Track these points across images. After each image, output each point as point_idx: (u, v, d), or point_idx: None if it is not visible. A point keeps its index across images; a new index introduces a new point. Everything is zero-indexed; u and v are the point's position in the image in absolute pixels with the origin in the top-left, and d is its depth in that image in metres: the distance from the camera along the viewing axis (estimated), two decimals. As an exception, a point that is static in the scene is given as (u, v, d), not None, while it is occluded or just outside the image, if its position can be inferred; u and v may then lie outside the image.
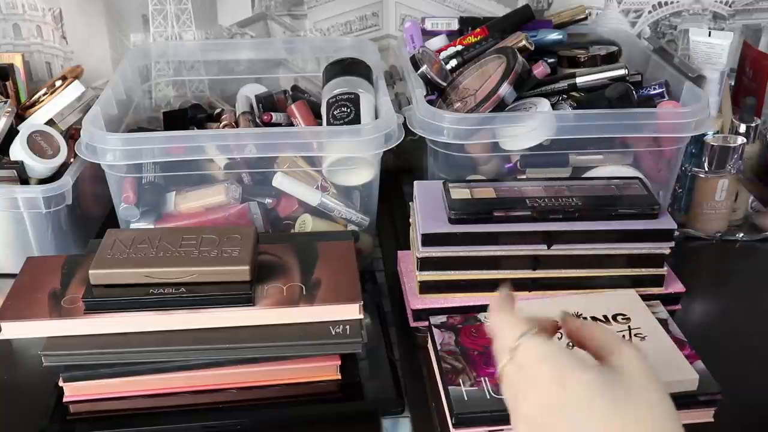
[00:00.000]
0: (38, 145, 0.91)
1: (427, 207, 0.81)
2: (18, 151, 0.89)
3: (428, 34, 1.09)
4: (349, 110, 0.90)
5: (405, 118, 0.88)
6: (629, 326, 0.71)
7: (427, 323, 0.77)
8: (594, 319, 0.72)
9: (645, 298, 0.78)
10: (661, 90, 0.95)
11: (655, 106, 0.93)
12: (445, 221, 0.79)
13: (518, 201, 0.80)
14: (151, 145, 0.82)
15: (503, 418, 0.64)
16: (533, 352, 0.50)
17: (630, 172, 0.90)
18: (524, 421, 0.50)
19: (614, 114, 0.87)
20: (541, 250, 0.79)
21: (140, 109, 1.09)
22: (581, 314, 0.73)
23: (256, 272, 0.71)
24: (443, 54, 1.01)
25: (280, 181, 0.86)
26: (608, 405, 0.47)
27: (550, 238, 0.79)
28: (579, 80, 0.96)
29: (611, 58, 1.03)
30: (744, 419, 0.71)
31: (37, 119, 0.97)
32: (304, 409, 0.72)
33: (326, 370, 0.73)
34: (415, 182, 0.86)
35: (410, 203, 0.87)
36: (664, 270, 0.82)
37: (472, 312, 0.77)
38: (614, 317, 0.73)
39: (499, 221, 0.79)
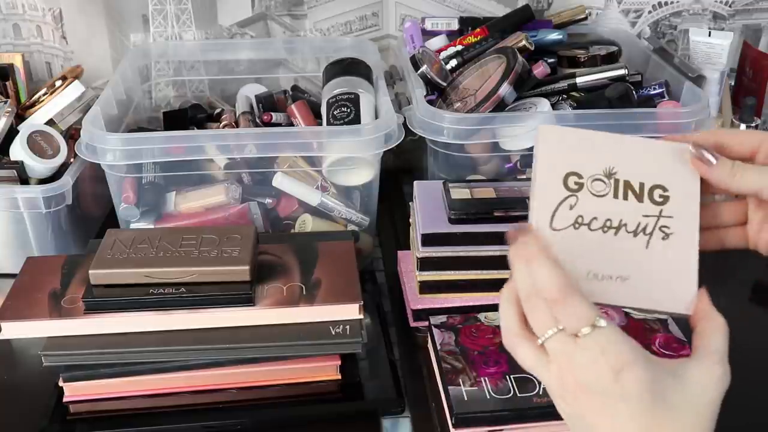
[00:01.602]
0: (38, 145, 0.91)
1: (427, 207, 0.81)
2: (18, 151, 0.89)
3: (428, 34, 1.09)
4: (349, 110, 0.90)
5: (405, 118, 0.88)
6: (660, 211, 0.56)
7: (427, 323, 0.77)
8: (627, 185, 0.56)
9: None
10: (661, 90, 0.95)
11: (655, 106, 0.93)
12: (445, 221, 0.79)
13: (518, 201, 0.80)
14: (151, 145, 0.82)
15: (503, 418, 0.64)
16: (598, 344, 0.49)
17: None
18: (562, 391, 0.50)
19: (614, 114, 0.87)
20: (541, 250, 0.79)
21: (140, 109, 1.09)
22: (614, 170, 0.56)
23: (256, 272, 0.71)
24: (443, 54, 1.01)
25: (280, 181, 0.86)
26: (653, 412, 0.48)
27: (550, 238, 0.79)
28: (579, 80, 0.96)
29: (611, 58, 1.03)
30: (744, 419, 0.71)
31: (37, 119, 0.97)
32: (304, 409, 0.72)
33: (326, 370, 0.73)
34: (415, 182, 0.86)
35: (410, 203, 0.86)
36: (664, 270, 0.82)
37: (472, 312, 0.77)
38: (651, 190, 0.57)
39: (499, 221, 0.79)
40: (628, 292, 0.55)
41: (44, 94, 1.00)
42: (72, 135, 0.97)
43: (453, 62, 0.99)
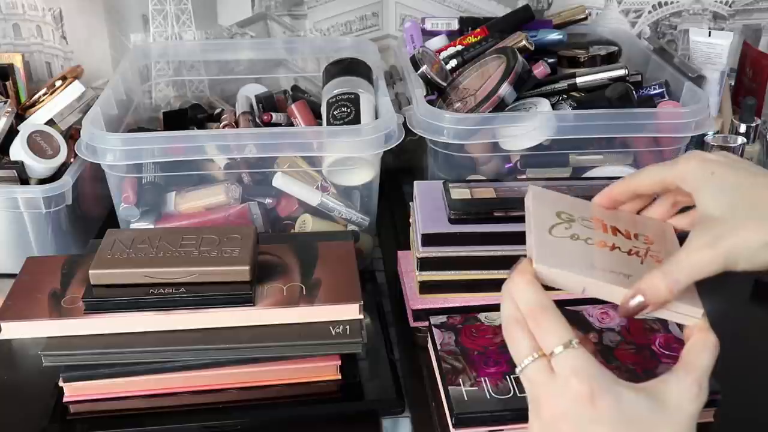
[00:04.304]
0: (38, 145, 0.91)
1: (427, 207, 0.81)
2: (18, 151, 0.89)
3: (428, 34, 1.09)
4: (349, 110, 0.90)
5: (405, 118, 0.89)
6: (648, 247, 0.60)
7: (427, 323, 0.77)
8: (615, 230, 0.61)
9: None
10: (661, 90, 0.95)
11: (655, 106, 0.93)
12: (445, 221, 0.79)
13: (518, 201, 0.79)
14: (151, 145, 0.82)
15: (503, 418, 0.64)
16: (569, 365, 0.49)
17: (630, 172, 0.90)
18: (542, 426, 0.50)
19: (614, 114, 0.87)
20: (541, 250, 0.79)
21: (140, 109, 1.09)
22: (600, 218, 0.62)
23: (256, 272, 0.71)
24: (443, 54, 1.01)
25: (280, 181, 0.86)
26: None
27: (550, 238, 0.79)
28: (579, 80, 0.96)
29: (611, 58, 1.03)
30: (744, 419, 0.71)
31: (37, 119, 0.97)
32: (304, 409, 0.72)
33: (326, 370, 0.73)
34: (415, 182, 0.86)
35: (410, 203, 0.86)
36: (664, 270, 0.82)
37: (472, 312, 0.77)
38: (636, 235, 0.62)
39: (499, 221, 0.79)
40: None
41: (44, 94, 1.00)
42: (72, 135, 0.97)
43: (453, 62, 0.99)
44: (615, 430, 0.48)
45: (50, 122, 0.96)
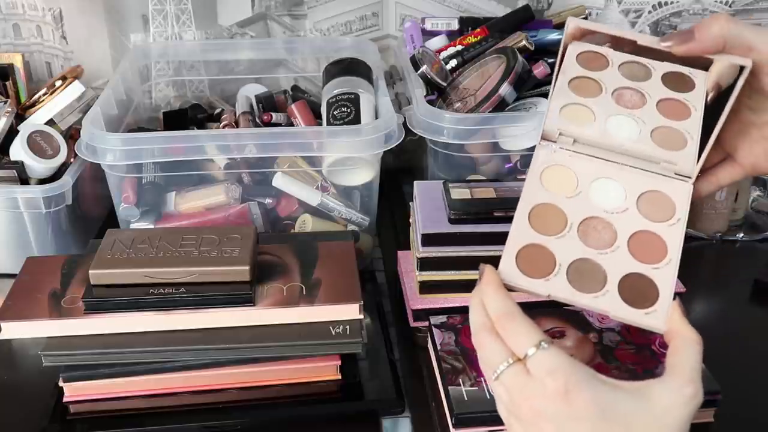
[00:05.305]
0: (38, 145, 0.91)
1: (427, 207, 0.81)
2: (18, 151, 0.89)
3: (428, 34, 1.09)
4: (349, 110, 0.90)
5: (405, 118, 0.89)
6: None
7: (427, 323, 0.77)
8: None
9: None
10: (661, 90, 0.95)
11: (655, 106, 0.93)
12: (445, 221, 0.79)
13: (518, 201, 0.80)
14: (151, 145, 0.82)
15: (503, 418, 0.64)
16: (544, 364, 0.49)
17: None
18: (521, 424, 0.50)
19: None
20: (541, 250, 0.79)
21: (140, 109, 1.09)
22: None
23: (256, 272, 0.71)
24: (443, 54, 1.01)
25: (280, 181, 0.86)
26: (611, 428, 0.47)
27: (550, 238, 0.79)
28: (579, 80, 0.96)
29: (611, 58, 1.02)
30: (744, 419, 0.71)
31: (37, 119, 0.97)
32: (304, 409, 0.72)
33: (326, 370, 0.73)
34: (415, 182, 0.86)
35: (410, 203, 0.86)
36: (664, 270, 0.82)
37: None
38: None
39: (499, 221, 0.78)
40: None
41: (44, 94, 1.00)
42: (72, 135, 0.97)
43: (453, 62, 0.99)
44: (595, 426, 0.48)
45: (50, 122, 0.96)
